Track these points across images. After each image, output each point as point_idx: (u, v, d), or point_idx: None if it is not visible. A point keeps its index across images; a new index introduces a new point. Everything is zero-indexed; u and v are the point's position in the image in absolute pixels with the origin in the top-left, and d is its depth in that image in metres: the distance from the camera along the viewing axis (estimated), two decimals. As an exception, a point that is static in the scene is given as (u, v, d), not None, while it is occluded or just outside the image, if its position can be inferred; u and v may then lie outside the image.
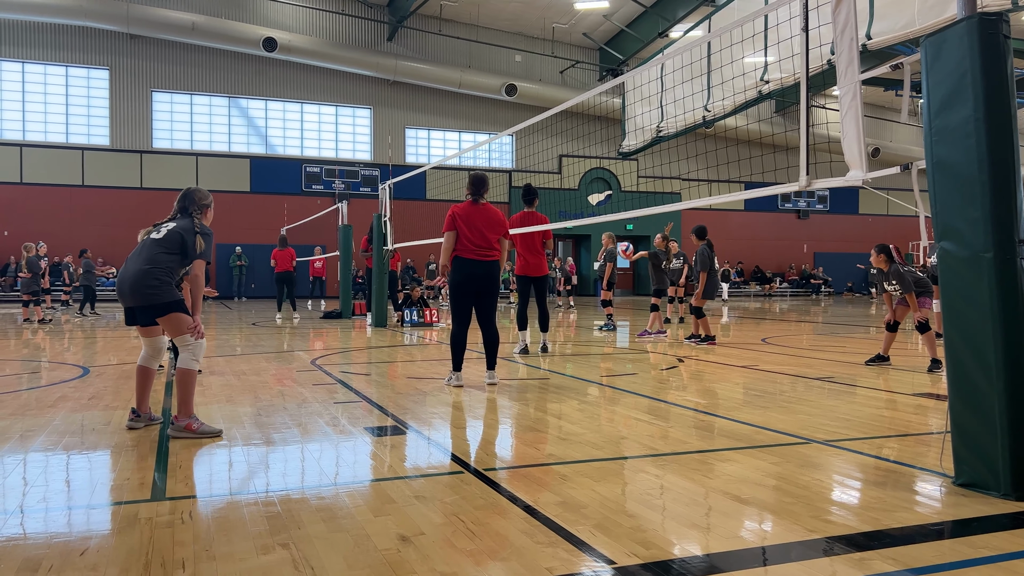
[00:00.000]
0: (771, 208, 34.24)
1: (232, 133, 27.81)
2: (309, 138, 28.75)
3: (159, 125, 26.94)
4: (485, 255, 6.65)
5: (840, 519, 3.16)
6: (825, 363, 8.69)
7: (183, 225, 4.86)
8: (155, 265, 4.68)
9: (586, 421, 5.26)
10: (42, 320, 15.18)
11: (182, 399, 4.72)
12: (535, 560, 2.68)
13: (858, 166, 4.08)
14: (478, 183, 6.78)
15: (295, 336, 12.37)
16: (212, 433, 4.69)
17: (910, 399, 6.22)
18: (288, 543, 2.83)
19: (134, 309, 4.78)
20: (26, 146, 25.35)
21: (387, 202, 13.91)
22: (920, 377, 7.51)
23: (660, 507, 3.32)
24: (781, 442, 4.63)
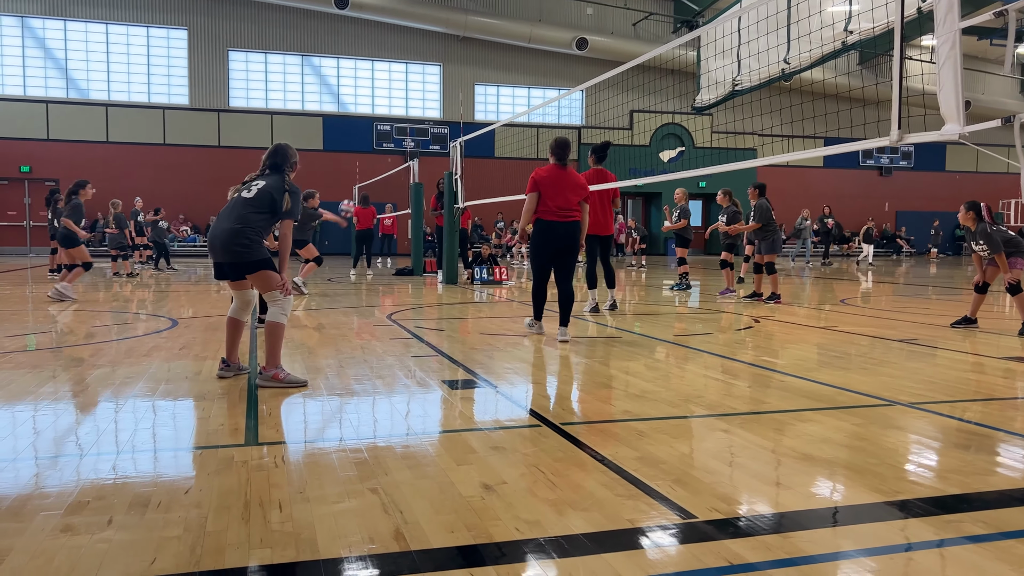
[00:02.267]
0: (852, 165, 33.03)
1: (305, 92, 28.22)
2: (380, 96, 28.96)
3: (235, 84, 27.51)
4: (566, 216, 6.79)
5: (926, 481, 3.10)
6: (907, 325, 8.44)
7: (273, 183, 4.98)
8: (246, 224, 4.83)
9: (659, 379, 5.26)
10: (130, 274, 15.87)
11: (270, 350, 4.90)
12: (616, 511, 2.73)
13: (955, 119, 3.91)
14: (562, 147, 6.90)
15: (370, 292, 12.64)
16: (298, 383, 4.87)
17: (998, 362, 6.00)
18: (377, 488, 2.94)
19: (223, 265, 4.95)
20: (111, 106, 26.26)
21: (457, 160, 13.96)
22: (1009, 340, 7.23)
23: (739, 464, 3.32)
24: (862, 403, 4.54)
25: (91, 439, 3.66)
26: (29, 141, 25.36)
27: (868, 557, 2.36)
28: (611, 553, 2.37)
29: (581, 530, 2.55)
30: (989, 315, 9.28)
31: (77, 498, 2.82)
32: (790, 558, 2.33)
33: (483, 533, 2.52)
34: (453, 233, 14.46)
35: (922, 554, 2.40)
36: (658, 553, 2.39)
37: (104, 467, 3.22)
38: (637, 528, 2.58)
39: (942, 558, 2.38)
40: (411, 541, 2.44)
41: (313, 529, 2.54)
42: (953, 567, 2.31)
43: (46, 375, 5.22)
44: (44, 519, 2.61)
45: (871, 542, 2.49)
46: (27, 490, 2.92)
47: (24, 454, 3.43)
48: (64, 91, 26.14)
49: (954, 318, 8.45)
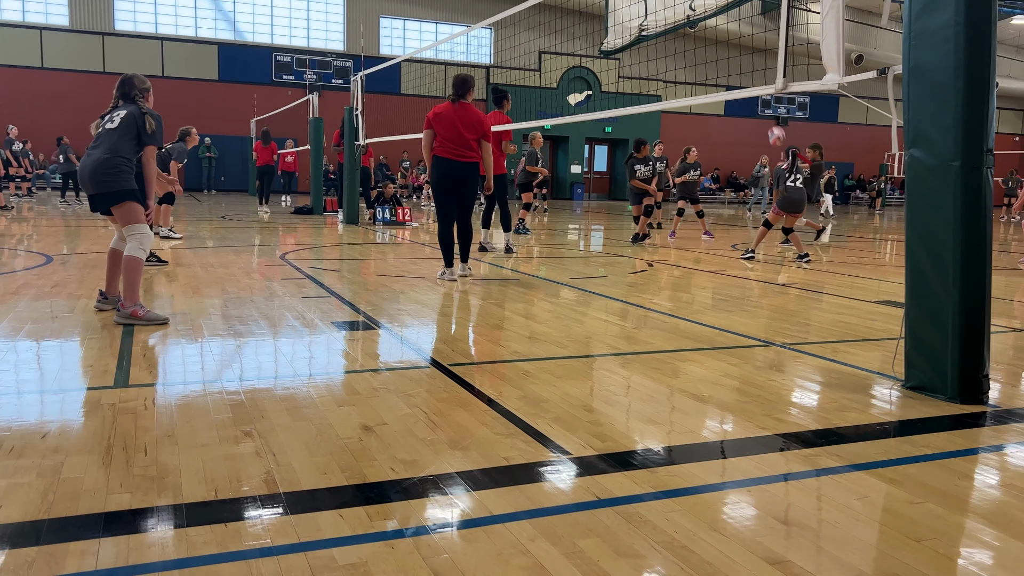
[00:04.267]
0: (751, 114, 33.89)
1: (199, 17, 26.63)
2: (280, 25, 27.65)
3: (121, 5, 25.68)
4: (461, 155, 6.70)
5: (792, 418, 3.26)
6: (793, 270, 8.80)
7: (132, 110, 4.81)
8: (115, 153, 4.69)
9: (553, 321, 5.32)
10: (3, 207, 14.83)
11: (128, 286, 4.75)
12: (493, 450, 2.75)
13: (835, 70, 4.01)
14: (458, 84, 6.82)
15: (264, 231, 12.24)
16: (158, 320, 4.71)
17: (869, 305, 6.35)
18: (252, 432, 2.87)
19: (95, 197, 4.77)
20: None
21: (359, 95, 13.53)
22: (885, 285, 7.65)
23: (619, 403, 3.40)
24: (742, 344, 4.73)
25: (-58, 382, 3.42)
26: None
27: (732, 490, 2.47)
28: (483, 491, 2.39)
29: (457, 468, 2.56)
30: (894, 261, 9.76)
31: (-80, 445, 2.63)
32: (656, 491, 2.41)
33: (357, 474, 2.49)
34: (354, 171, 14.10)
35: (784, 486, 2.52)
36: (530, 490, 2.42)
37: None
38: (512, 466, 2.61)
39: (801, 490, 2.51)
40: (281, 484, 2.39)
41: (179, 473, 2.45)
42: (806, 498, 2.44)
43: None
44: None
45: (735, 475, 2.60)
46: None
47: None
48: (-76, 5, 23.81)
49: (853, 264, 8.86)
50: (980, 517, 2.33)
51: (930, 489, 2.51)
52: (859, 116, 35.20)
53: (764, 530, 2.19)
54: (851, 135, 34.72)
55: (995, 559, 2.08)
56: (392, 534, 2.09)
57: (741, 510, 2.32)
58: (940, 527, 2.24)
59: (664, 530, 2.15)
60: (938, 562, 2.03)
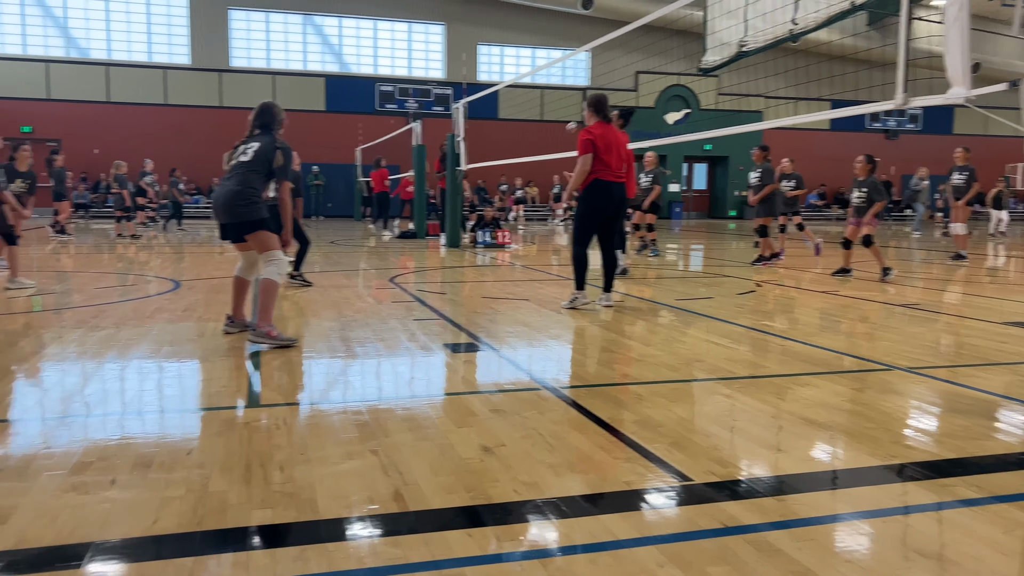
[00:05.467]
0: (858, 128, 32.67)
1: (308, 52, 27.90)
2: (383, 56, 28.63)
3: (236, 44, 27.20)
4: (622, 176, 6.55)
5: (923, 446, 3.12)
6: (910, 290, 8.42)
7: (265, 143, 5.08)
8: (246, 185, 4.95)
9: (661, 344, 5.28)
10: (133, 236, 15.87)
11: (263, 307, 5.00)
12: (614, 474, 2.76)
13: (961, 83, 3.86)
14: (603, 103, 6.56)
15: (371, 255, 12.64)
16: (288, 341, 4.96)
17: (998, 328, 6.00)
18: (377, 450, 2.97)
19: (227, 226, 5.05)
20: (112, 65, 26.02)
21: (461, 122, 13.84)
22: (1011, 305, 7.22)
23: (737, 429, 3.34)
24: (862, 368, 4.56)
25: (95, 400, 3.69)
26: (30, 101, 25.16)
27: (863, 520, 2.39)
28: (608, 514, 2.40)
29: (578, 492, 2.58)
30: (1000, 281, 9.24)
31: (81, 458, 2.85)
32: (783, 520, 2.36)
33: (482, 494, 2.55)
34: (456, 196, 14.40)
35: (916, 518, 2.43)
36: (654, 515, 2.42)
37: (108, 428, 3.26)
38: (634, 490, 2.61)
39: (936, 522, 2.40)
40: (410, 502, 2.47)
41: (313, 490, 2.57)
42: (947, 531, 2.34)
43: (51, 336, 5.26)
44: (48, 479, 2.65)
45: (866, 505, 2.52)
46: (32, 450, 2.96)
47: (29, 414, 3.47)
48: (64, 50, 25.89)
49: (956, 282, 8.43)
50: None
51: (1084, 525, 2.36)
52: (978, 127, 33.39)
53: (902, 562, 2.11)
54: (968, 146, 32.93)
55: None
56: (520, 555, 2.12)
57: (876, 541, 2.25)
58: (1099, 566, 2.10)
59: (797, 559, 2.10)
60: (1099, 603, 1.91)
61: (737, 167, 31.07)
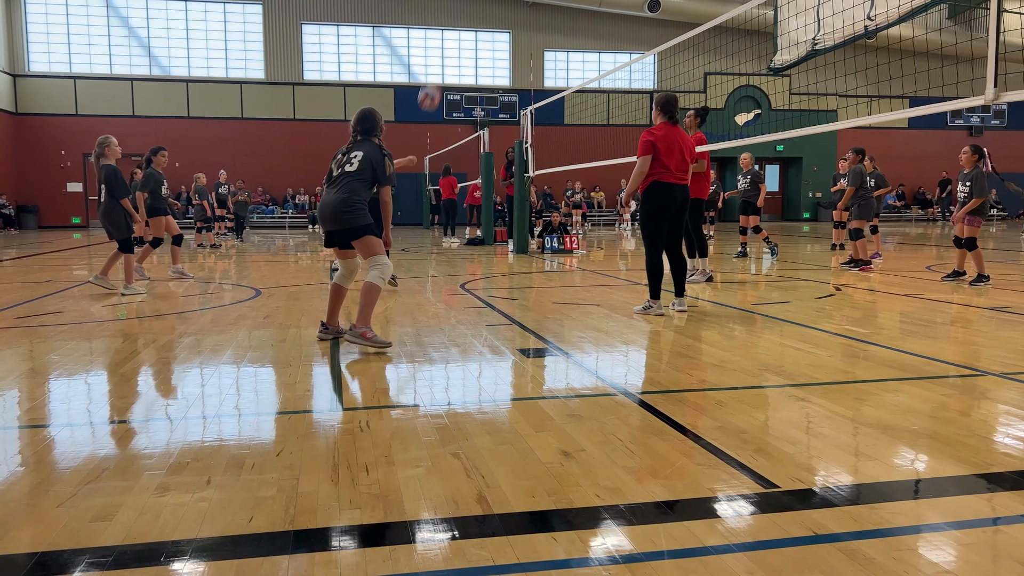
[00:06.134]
0: (939, 125, 31.50)
1: (377, 63, 28.47)
2: (450, 65, 29.00)
3: (309, 57, 27.95)
4: (683, 178, 6.47)
5: (1020, 453, 3.00)
6: (998, 292, 8.08)
7: (370, 150, 5.23)
8: (352, 193, 5.13)
9: (739, 349, 5.20)
10: (213, 245, 16.44)
11: (363, 309, 5.14)
12: (696, 480, 2.74)
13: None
14: (673, 104, 6.53)
15: (442, 262, 12.80)
16: (383, 344, 5.09)
17: (1100, 332, 5.71)
18: (459, 453, 3.02)
19: (333, 232, 5.26)
20: (191, 82, 27.05)
21: (528, 128, 13.90)
22: (1112, 309, 6.86)
23: (822, 435, 3.27)
24: (951, 373, 4.40)
25: (186, 404, 3.85)
26: (116, 118, 26.36)
27: (956, 530, 2.31)
28: (693, 521, 2.38)
29: (661, 498, 2.57)
30: (1089, 282, 8.78)
31: (177, 459, 2.98)
32: (875, 529, 2.30)
33: (564, 499, 2.56)
34: (524, 202, 14.46)
35: (1013, 528, 2.33)
36: (740, 522, 2.39)
37: (200, 430, 3.39)
38: (718, 496, 2.59)
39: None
40: (494, 504, 2.50)
41: (399, 491, 2.62)
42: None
43: (141, 343, 5.50)
44: (148, 478, 2.77)
45: (959, 515, 2.43)
46: (131, 451, 3.11)
47: (125, 418, 3.64)
48: (147, 68, 27.04)
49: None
50: None
51: None
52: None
53: (1001, 574, 2.03)
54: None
55: None
56: (607, 559, 2.13)
57: (977, 552, 2.17)
58: None
59: (893, 570, 2.05)
60: None
61: (811, 168, 30.34)
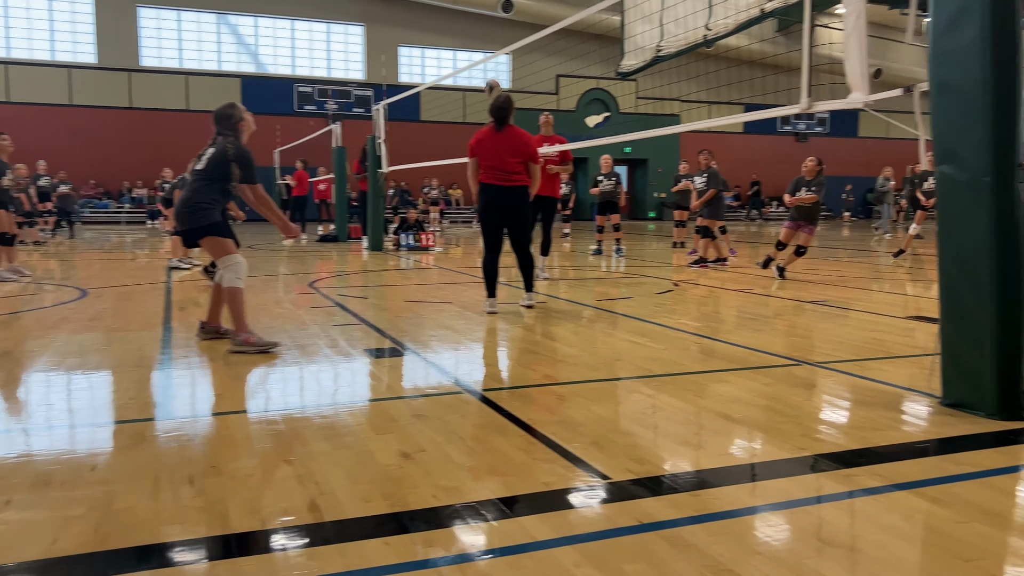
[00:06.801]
0: (770, 131, 33.81)
1: (222, 52, 27.16)
2: (301, 57, 28.12)
3: (147, 42, 26.25)
4: (506, 180, 6.48)
5: (829, 437, 3.25)
6: (820, 287, 8.75)
7: (220, 149, 5.01)
8: (195, 193, 4.96)
9: (582, 344, 5.34)
10: (36, 242, 15.13)
11: (234, 316, 4.93)
12: (533, 475, 2.77)
13: (860, 88, 4.03)
14: (494, 110, 6.56)
15: (290, 260, 12.39)
16: (269, 344, 4.92)
17: (901, 322, 6.30)
18: (293, 460, 2.91)
19: (181, 232, 5.14)
20: (11, 64, 24.75)
21: (381, 123, 13.70)
22: (913, 300, 7.59)
23: (654, 426, 3.40)
24: (774, 364, 4.71)
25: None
26: (-81, 100, 23.71)
27: (774, 512, 2.46)
28: (526, 516, 2.41)
29: (498, 495, 2.58)
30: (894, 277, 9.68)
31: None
32: (697, 515, 2.41)
33: (400, 501, 2.52)
34: (378, 198, 14.24)
35: (825, 508, 2.51)
36: (573, 515, 2.44)
37: (5, 445, 3.08)
38: (553, 491, 2.63)
39: (843, 511, 2.50)
40: (326, 512, 2.43)
41: (224, 504, 2.49)
42: (853, 519, 2.43)
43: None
44: (-63, 502, 2.49)
45: (778, 497, 2.60)
46: (-82, 472, 2.78)
47: (-84, 435, 3.26)
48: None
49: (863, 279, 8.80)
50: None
51: (975, 508, 2.49)
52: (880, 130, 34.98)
53: (810, 552, 2.18)
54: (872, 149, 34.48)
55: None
56: (440, 561, 2.11)
57: (784, 532, 2.32)
58: (988, 547, 2.22)
59: (710, 554, 2.15)
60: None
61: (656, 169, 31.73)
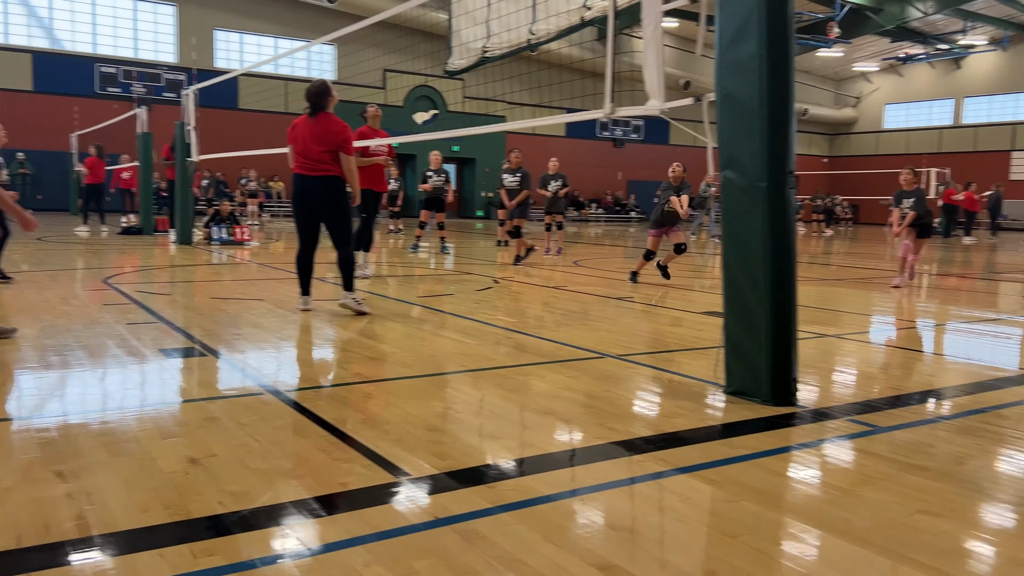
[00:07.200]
0: (590, 136, 35.23)
1: (9, 23, 24.51)
2: (103, 35, 25.94)
3: (-86, 7, 23.22)
4: (313, 169, 6.18)
5: (624, 426, 3.40)
6: (624, 284, 9.21)
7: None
8: None
9: (399, 341, 5.28)
10: None
11: None
12: (331, 476, 2.70)
13: (657, 96, 4.26)
14: (308, 95, 6.26)
15: (87, 253, 11.40)
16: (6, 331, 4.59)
17: (697, 317, 6.75)
18: (63, 472, 2.65)
19: None
20: None
21: (191, 109, 12.90)
22: (712, 297, 8.16)
23: (461, 421, 3.42)
24: (580, 357, 4.89)
25: None
26: None
27: (566, 500, 2.54)
28: (318, 518, 2.34)
29: (291, 498, 2.48)
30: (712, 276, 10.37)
31: None
32: (493, 507, 2.44)
33: (182, 510, 2.36)
34: (187, 188, 13.42)
35: (612, 493, 2.63)
36: (367, 514, 2.39)
37: None
38: (349, 491, 2.57)
39: (627, 496, 2.62)
40: (95, 526, 2.23)
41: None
42: (636, 503, 2.56)
43: None
44: None
45: (571, 485, 2.68)
46: None
47: None
48: None
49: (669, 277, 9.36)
50: (789, 511, 2.53)
51: (745, 487, 2.69)
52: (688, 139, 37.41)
53: (596, 537, 2.27)
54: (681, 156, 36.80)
55: (801, 549, 2.26)
56: (217, 570, 1.99)
57: (575, 519, 2.40)
58: (753, 523, 2.41)
59: (500, 545, 2.18)
60: (751, 556, 2.18)
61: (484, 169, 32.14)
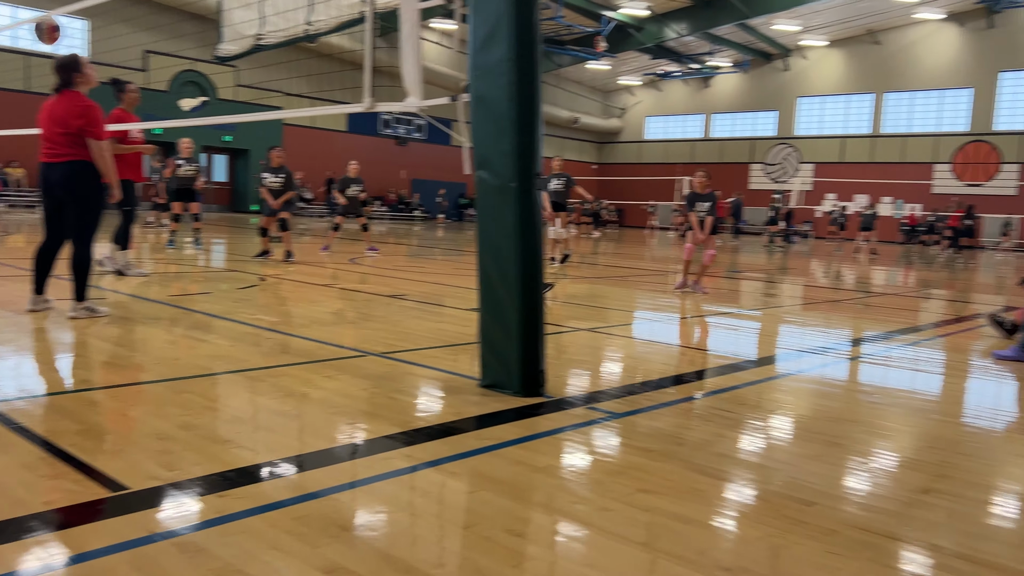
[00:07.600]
0: (372, 132, 34.84)
1: None
2: None
3: None
4: (53, 156, 5.49)
5: (376, 424, 3.37)
6: (400, 282, 9.20)
7: None
8: None
9: (136, 344, 4.87)
10: None
11: None
12: (33, 496, 2.41)
13: (414, 93, 4.27)
14: (53, 69, 5.54)
15: None
16: None
17: (465, 313, 6.88)
18: None
19: None
20: None
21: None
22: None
23: (196, 427, 3.20)
24: (342, 356, 4.79)
25: None
26: None
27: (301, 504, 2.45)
28: (10, 543, 2.07)
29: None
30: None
31: None
32: (216, 518, 2.30)
33: None
34: None
35: (347, 494, 2.58)
36: (74, 534, 2.16)
37: None
38: (54, 510, 2.31)
39: (370, 495, 2.58)
40: None
41: None
42: (372, 502, 2.53)
43: None
44: None
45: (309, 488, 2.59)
46: None
47: None
48: None
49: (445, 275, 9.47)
50: (521, 498, 2.62)
51: (484, 477, 2.76)
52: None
53: (326, 540, 2.21)
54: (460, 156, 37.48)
55: (529, 532, 2.35)
56: None
57: (307, 524, 2.32)
58: (487, 512, 2.47)
59: (220, 556, 2.06)
60: (482, 544, 2.23)
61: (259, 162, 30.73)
